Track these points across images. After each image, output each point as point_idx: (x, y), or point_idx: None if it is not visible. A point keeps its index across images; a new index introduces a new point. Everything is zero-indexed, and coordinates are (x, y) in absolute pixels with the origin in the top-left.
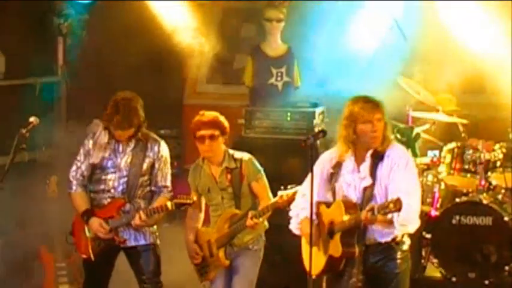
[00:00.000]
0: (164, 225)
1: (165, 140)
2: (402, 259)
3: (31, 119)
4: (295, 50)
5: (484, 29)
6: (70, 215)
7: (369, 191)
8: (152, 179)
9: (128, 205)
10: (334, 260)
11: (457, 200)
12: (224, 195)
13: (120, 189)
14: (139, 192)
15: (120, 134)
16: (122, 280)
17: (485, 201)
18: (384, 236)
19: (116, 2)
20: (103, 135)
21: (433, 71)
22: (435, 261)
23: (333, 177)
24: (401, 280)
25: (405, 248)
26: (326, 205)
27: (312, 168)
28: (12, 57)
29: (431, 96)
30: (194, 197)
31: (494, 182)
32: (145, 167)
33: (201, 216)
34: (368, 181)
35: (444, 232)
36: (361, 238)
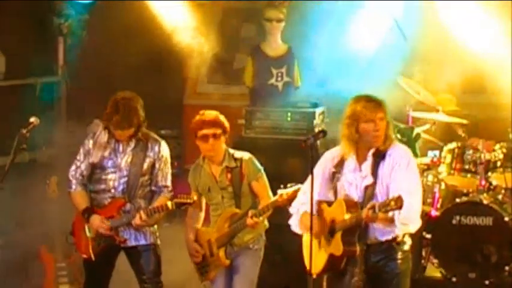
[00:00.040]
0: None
1: (166, 140)
2: (403, 259)
3: (31, 119)
4: (295, 50)
5: (484, 29)
6: (70, 215)
7: (370, 190)
8: (152, 179)
9: (128, 205)
10: (335, 259)
11: (458, 200)
12: (224, 194)
13: (120, 189)
14: (139, 192)
15: (119, 134)
16: (123, 280)
17: (485, 201)
18: (385, 235)
19: (116, 2)
20: (103, 134)
21: (433, 71)
22: (435, 261)
23: (335, 176)
24: (401, 280)
25: (406, 248)
26: (327, 204)
27: (313, 168)
28: (12, 57)
29: (431, 96)
30: (194, 197)
31: (494, 182)
32: (145, 167)
33: (202, 215)
34: (369, 180)
35: (444, 232)
36: (362, 237)
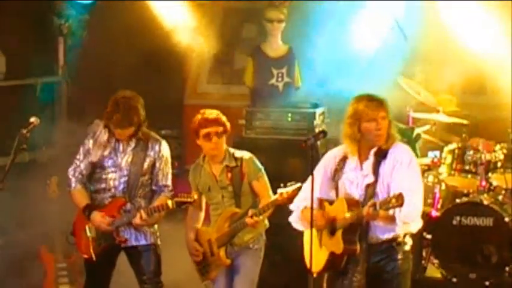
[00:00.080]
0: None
1: (166, 141)
2: (403, 260)
3: (32, 119)
4: (296, 50)
5: (485, 29)
6: (71, 215)
7: (371, 189)
8: (153, 178)
9: (129, 204)
10: (335, 257)
11: (458, 201)
12: (224, 193)
13: (120, 188)
14: (140, 191)
15: (119, 133)
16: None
17: (485, 201)
18: (386, 233)
19: (116, 2)
20: (103, 133)
21: (434, 72)
22: (436, 261)
23: (336, 174)
24: (402, 280)
25: (407, 249)
26: (329, 203)
27: (313, 169)
28: (12, 57)
29: (431, 96)
30: (195, 195)
31: (494, 183)
32: (146, 167)
33: (202, 215)
34: (370, 178)
35: (445, 233)
36: (363, 236)
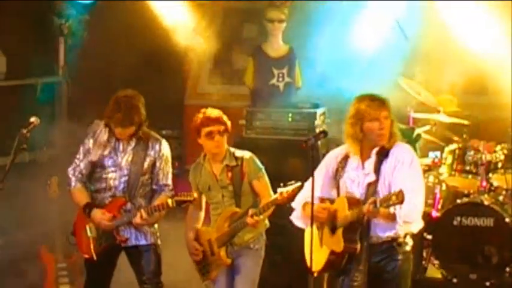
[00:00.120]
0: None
1: (167, 141)
2: (404, 260)
3: (32, 119)
4: (296, 50)
5: (486, 30)
6: (71, 215)
7: (373, 187)
8: (153, 178)
9: (129, 204)
10: (335, 256)
11: (458, 201)
12: (225, 193)
13: (121, 187)
14: (140, 191)
15: (120, 132)
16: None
17: (486, 202)
18: (386, 231)
19: (116, 2)
20: (103, 133)
21: (435, 72)
22: (436, 262)
23: (338, 173)
24: (402, 281)
25: (407, 249)
26: (330, 202)
27: (314, 169)
28: (12, 57)
29: (432, 97)
30: (195, 194)
31: (495, 183)
32: (146, 166)
33: (201, 215)
34: (372, 177)
35: (445, 233)
36: (364, 235)
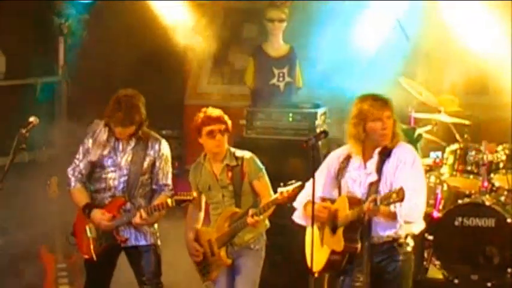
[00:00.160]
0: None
1: (167, 141)
2: (405, 260)
3: (31, 119)
4: (297, 50)
5: (487, 30)
6: (71, 216)
7: (374, 187)
8: (153, 178)
9: (129, 204)
10: (336, 255)
11: (460, 202)
12: (225, 193)
13: (120, 187)
14: (140, 191)
15: (120, 132)
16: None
17: (487, 202)
18: (387, 230)
19: (116, 2)
20: (103, 132)
21: (436, 72)
22: (437, 263)
23: (340, 173)
24: (403, 281)
25: (408, 250)
26: (331, 201)
27: (314, 169)
28: (12, 57)
29: (433, 97)
30: (194, 193)
31: (497, 184)
32: (145, 166)
33: (201, 215)
34: (374, 177)
35: (446, 234)
36: (365, 235)
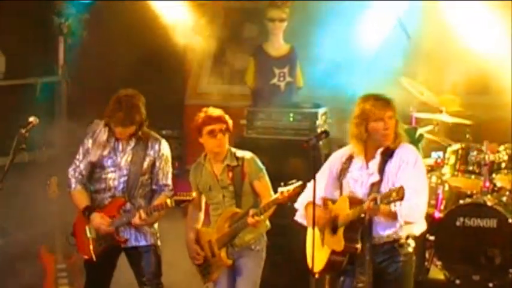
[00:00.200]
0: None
1: (167, 141)
2: (406, 261)
3: (31, 119)
4: (297, 50)
5: (488, 29)
6: (71, 216)
7: (376, 188)
8: (153, 178)
9: (129, 204)
10: (336, 255)
11: (461, 202)
12: (225, 193)
13: (120, 188)
14: (140, 191)
15: (120, 132)
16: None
17: (489, 203)
18: (386, 229)
19: (116, 2)
20: (103, 133)
21: (437, 72)
22: (439, 263)
23: (342, 173)
24: (404, 282)
25: (409, 250)
26: (332, 202)
27: (315, 169)
28: (12, 57)
29: (434, 97)
30: (194, 193)
31: (498, 184)
32: (145, 166)
33: (201, 216)
34: (376, 177)
35: (448, 234)
36: (366, 235)
